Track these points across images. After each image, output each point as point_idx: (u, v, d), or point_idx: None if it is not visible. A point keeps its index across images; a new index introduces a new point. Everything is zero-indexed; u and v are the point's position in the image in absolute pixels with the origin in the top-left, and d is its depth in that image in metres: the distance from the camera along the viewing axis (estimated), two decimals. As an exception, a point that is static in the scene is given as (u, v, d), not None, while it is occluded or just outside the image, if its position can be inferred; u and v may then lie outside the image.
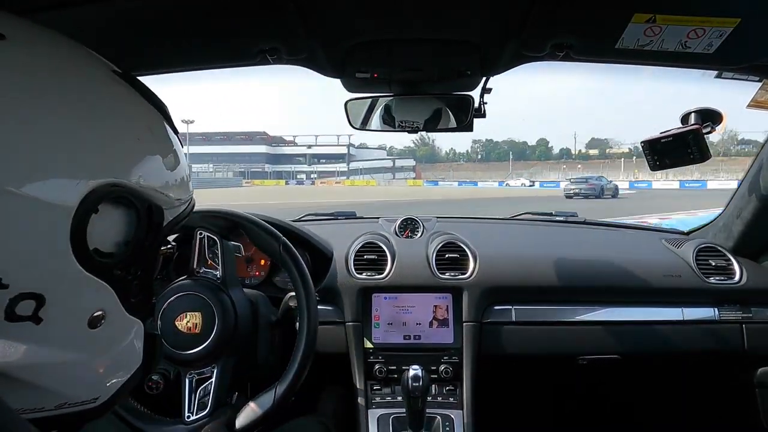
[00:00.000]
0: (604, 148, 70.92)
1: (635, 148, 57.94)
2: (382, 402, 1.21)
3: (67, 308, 0.36)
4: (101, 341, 0.40)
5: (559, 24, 0.80)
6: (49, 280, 0.34)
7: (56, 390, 0.37)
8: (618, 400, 1.65)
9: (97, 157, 0.36)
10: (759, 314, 1.27)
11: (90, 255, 0.36)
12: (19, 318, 0.33)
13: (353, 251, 1.32)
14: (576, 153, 68.81)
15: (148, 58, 0.95)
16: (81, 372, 0.39)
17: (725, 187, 20.09)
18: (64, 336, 0.37)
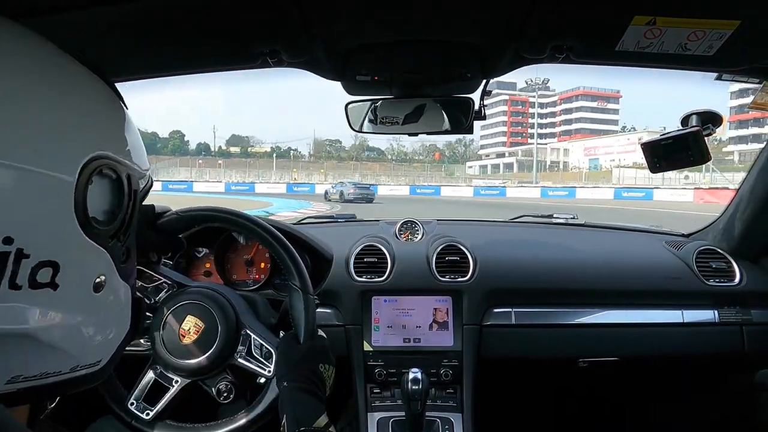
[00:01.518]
0: (245, 147, 67.60)
1: (277, 148, 56.41)
2: (381, 405, 1.21)
3: (77, 274, 0.40)
4: (104, 304, 0.44)
5: (559, 26, 0.80)
6: (61, 249, 0.38)
7: (71, 352, 0.42)
8: (618, 403, 1.65)
9: (84, 135, 0.41)
10: (759, 316, 1.27)
11: (90, 223, 0.40)
12: (40, 285, 0.37)
13: (353, 254, 1.32)
14: (216, 149, 62.96)
15: (149, 61, 0.95)
16: (89, 333, 0.43)
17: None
18: (76, 300, 0.41)
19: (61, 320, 0.39)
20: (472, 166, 73.71)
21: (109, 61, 0.93)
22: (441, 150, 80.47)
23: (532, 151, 65.45)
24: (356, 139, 59.98)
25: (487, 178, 56.04)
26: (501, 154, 74.33)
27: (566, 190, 32.95)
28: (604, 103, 75.04)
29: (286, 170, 44.93)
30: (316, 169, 45.74)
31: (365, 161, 61.26)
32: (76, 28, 0.78)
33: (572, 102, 76.36)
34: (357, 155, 64.57)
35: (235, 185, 34.17)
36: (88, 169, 0.39)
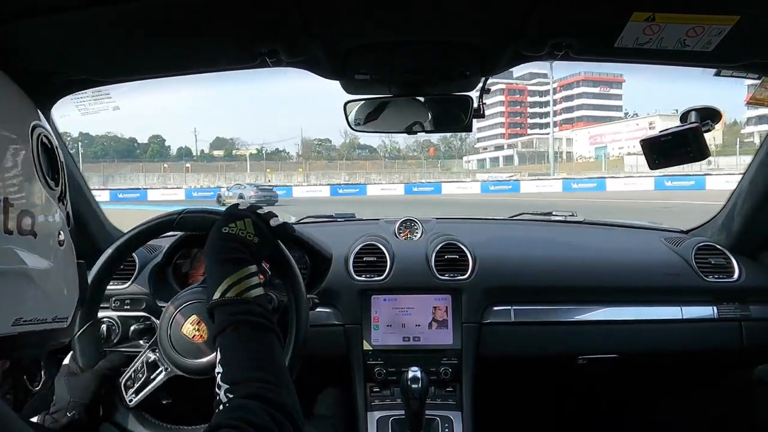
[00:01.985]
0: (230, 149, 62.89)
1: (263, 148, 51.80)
2: (381, 404, 1.21)
3: (47, 226, 0.49)
4: (67, 260, 0.53)
5: (559, 24, 0.79)
6: (33, 201, 0.47)
7: (54, 300, 0.50)
8: (617, 399, 1.65)
9: (24, 109, 0.51)
10: (757, 312, 1.27)
11: (47, 182, 0.49)
12: (26, 232, 0.45)
13: (353, 253, 1.32)
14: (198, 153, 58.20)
15: (147, 62, 0.95)
16: (62, 285, 0.52)
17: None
18: (50, 250, 0.49)
19: (44, 266, 0.47)
20: (470, 160, 70.26)
21: (106, 62, 0.93)
22: (436, 145, 76.11)
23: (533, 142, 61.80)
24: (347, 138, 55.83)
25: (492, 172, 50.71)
26: (500, 147, 70.16)
27: (593, 182, 27.02)
28: (606, 89, 70.39)
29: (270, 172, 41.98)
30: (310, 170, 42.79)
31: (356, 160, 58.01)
32: (75, 28, 0.78)
33: (573, 88, 71.20)
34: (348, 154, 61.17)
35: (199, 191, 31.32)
36: (35, 134, 0.49)
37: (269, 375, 0.59)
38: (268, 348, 0.63)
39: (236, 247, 0.72)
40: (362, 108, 1.11)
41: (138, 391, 0.83)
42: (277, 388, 0.57)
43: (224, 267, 0.69)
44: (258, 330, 0.64)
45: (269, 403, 0.54)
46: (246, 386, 0.56)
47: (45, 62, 0.89)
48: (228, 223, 0.74)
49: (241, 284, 0.67)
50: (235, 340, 0.62)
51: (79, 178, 1.22)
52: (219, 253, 0.71)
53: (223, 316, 0.65)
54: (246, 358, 0.60)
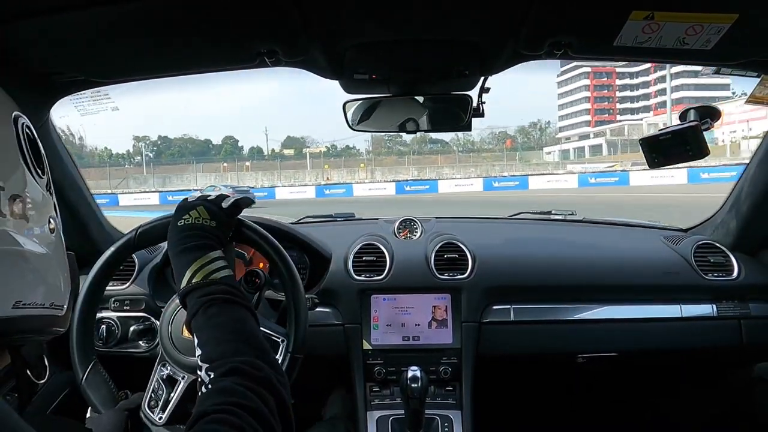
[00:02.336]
0: (300, 148, 60.02)
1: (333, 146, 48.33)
2: (381, 403, 1.21)
3: (38, 212, 0.50)
4: (59, 247, 0.54)
5: (558, 23, 0.79)
6: (23, 186, 0.48)
7: (50, 284, 0.51)
8: (617, 398, 1.66)
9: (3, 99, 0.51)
10: (757, 310, 1.27)
11: (34, 169, 0.50)
12: (18, 215, 0.46)
13: (352, 253, 1.31)
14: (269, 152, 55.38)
15: (145, 62, 0.95)
16: (56, 271, 0.52)
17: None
18: (42, 235, 0.50)
19: (39, 251, 0.48)
20: (551, 151, 58.93)
21: (105, 63, 0.93)
22: (512, 136, 67.87)
23: (624, 129, 52.51)
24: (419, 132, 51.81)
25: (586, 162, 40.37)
26: (585, 136, 59.76)
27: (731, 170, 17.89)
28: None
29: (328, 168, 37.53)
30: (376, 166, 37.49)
31: (427, 154, 51.93)
32: (74, 29, 0.78)
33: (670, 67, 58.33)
34: (419, 149, 54.67)
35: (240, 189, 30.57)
36: (18, 123, 0.50)
37: (244, 346, 0.59)
38: (239, 321, 0.64)
39: (195, 235, 0.73)
40: (361, 107, 1.11)
41: (163, 408, 0.82)
42: (254, 360, 0.57)
43: (187, 256, 0.70)
44: (227, 306, 0.65)
45: (248, 377, 0.54)
46: (224, 362, 0.56)
47: (44, 63, 0.89)
48: (181, 216, 0.75)
49: (205, 268, 0.68)
50: (207, 320, 0.63)
51: (79, 179, 1.22)
52: (179, 245, 0.72)
53: (192, 300, 0.66)
54: (219, 335, 0.61)
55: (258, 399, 0.51)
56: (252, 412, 0.49)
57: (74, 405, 0.90)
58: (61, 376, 1.14)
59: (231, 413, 0.48)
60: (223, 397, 0.51)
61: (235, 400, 0.50)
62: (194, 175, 35.33)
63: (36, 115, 1.01)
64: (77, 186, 1.21)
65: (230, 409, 0.48)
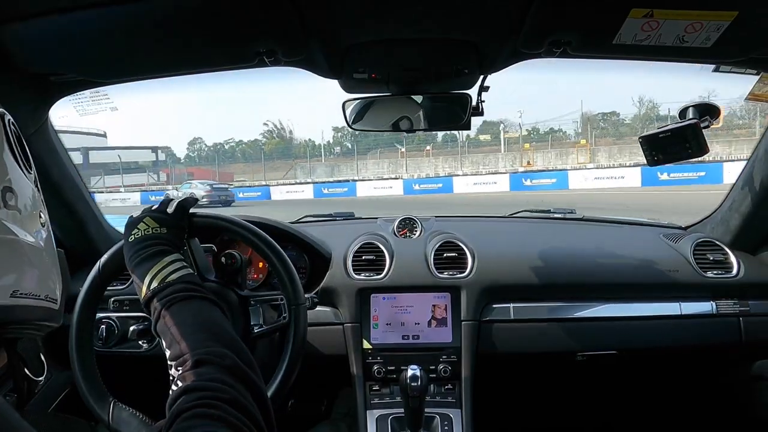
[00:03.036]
0: (497, 132, 56.90)
1: (534, 130, 37.17)
2: (381, 402, 1.21)
3: (29, 205, 0.50)
4: (50, 242, 0.54)
5: (556, 21, 0.79)
6: (13, 179, 0.48)
7: (44, 276, 0.51)
8: (616, 396, 1.66)
9: None
10: (756, 307, 1.27)
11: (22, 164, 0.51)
12: (10, 207, 0.47)
13: (351, 252, 1.31)
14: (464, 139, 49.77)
15: (144, 62, 0.95)
16: (49, 265, 0.53)
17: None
18: (35, 228, 0.51)
19: (32, 242, 0.49)
20: None
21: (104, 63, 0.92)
22: None
23: None
24: (641, 108, 36.58)
25: None
26: None
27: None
28: None
29: (527, 148, 26.58)
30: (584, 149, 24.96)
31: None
32: (74, 30, 0.78)
33: None
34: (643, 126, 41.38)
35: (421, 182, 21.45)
36: (4, 120, 0.50)
37: (205, 336, 0.59)
38: (198, 314, 0.64)
39: (147, 245, 0.74)
40: (360, 106, 1.10)
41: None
42: (218, 348, 0.57)
43: (142, 267, 0.71)
44: (186, 302, 0.65)
45: (214, 367, 0.54)
46: (187, 357, 0.56)
47: (44, 63, 0.89)
48: (131, 232, 0.76)
49: (161, 273, 0.69)
50: (168, 320, 0.63)
51: (78, 179, 1.22)
52: (134, 259, 0.73)
53: (153, 306, 0.67)
54: (180, 332, 0.61)
55: (229, 388, 0.51)
56: (226, 401, 0.49)
57: (75, 404, 0.90)
58: (61, 376, 1.14)
59: (206, 406, 0.47)
60: (195, 393, 0.50)
61: (208, 393, 0.50)
62: (366, 163, 29.80)
63: (35, 115, 1.01)
64: (76, 186, 1.21)
65: (206, 402, 0.48)
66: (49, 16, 0.72)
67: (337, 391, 1.32)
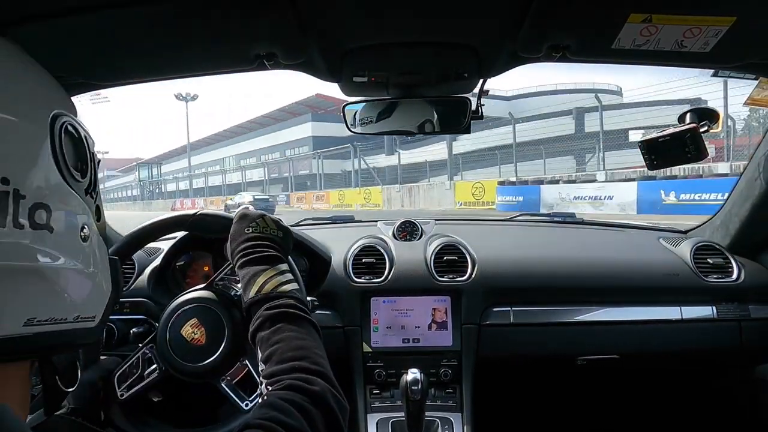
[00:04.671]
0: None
1: None
2: (381, 406, 1.21)
3: (66, 220, 0.45)
4: (92, 256, 0.50)
5: (556, 26, 0.80)
6: (49, 193, 0.43)
7: (73, 298, 0.47)
8: (617, 400, 1.65)
9: (46, 96, 0.48)
10: (756, 312, 1.27)
11: (69, 173, 0.46)
12: (39, 226, 0.42)
13: (352, 255, 1.31)
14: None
15: (144, 65, 0.95)
16: (84, 282, 0.48)
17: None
18: (69, 245, 0.46)
19: (62, 263, 0.45)
20: None
21: (103, 66, 0.93)
22: None
23: None
24: None
25: None
26: None
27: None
28: None
29: None
30: None
31: None
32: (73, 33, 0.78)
33: None
34: None
35: None
36: (57, 123, 0.46)
37: (306, 363, 0.58)
38: (305, 337, 0.63)
39: (264, 245, 0.73)
40: (359, 110, 1.11)
41: (130, 387, 0.83)
42: (309, 376, 0.57)
43: (255, 266, 0.70)
44: (294, 321, 0.64)
45: (301, 393, 0.53)
46: (280, 379, 0.56)
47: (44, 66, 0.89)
48: (248, 224, 0.75)
49: (274, 279, 0.68)
50: (271, 334, 0.62)
51: None
52: (248, 254, 0.72)
53: (258, 312, 0.65)
54: (280, 352, 0.60)
55: (302, 417, 0.51)
56: (292, 430, 0.48)
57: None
58: None
59: (269, 429, 0.47)
60: (268, 410, 0.50)
61: (277, 415, 0.49)
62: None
63: None
64: None
65: (269, 425, 0.47)
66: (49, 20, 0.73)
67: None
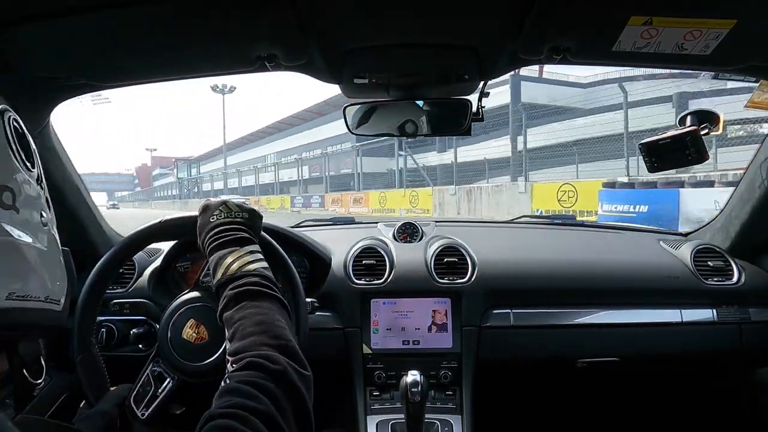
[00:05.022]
0: None
1: None
2: (381, 408, 1.20)
3: (28, 203, 0.50)
4: (53, 241, 0.54)
5: (556, 27, 0.80)
6: (10, 177, 0.48)
7: (44, 277, 0.50)
8: (617, 403, 1.65)
9: None
10: (757, 315, 1.27)
11: (23, 162, 0.50)
12: (7, 206, 0.46)
13: (352, 257, 1.31)
14: None
15: (145, 67, 0.95)
16: (50, 264, 0.52)
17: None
18: (34, 227, 0.50)
19: (31, 242, 0.48)
20: None
21: (104, 67, 0.93)
22: None
23: None
24: None
25: None
26: None
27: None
28: None
29: None
30: None
31: None
32: (74, 34, 0.78)
33: None
34: None
35: None
36: (5, 117, 0.49)
37: (265, 338, 0.58)
38: (265, 313, 0.63)
39: (231, 229, 0.73)
40: (360, 111, 1.11)
41: (148, 405, 0.82)
42: (272, 353, 0.56)
43: (223, 249, 0.70)
44: (257, 298, 0.65)
45: (264, 372, 0.53)
46: (243, 356, 0.56)
47: (45, 67, 0.90)
48: (212, 213, 0.76)
49: (241, 260, 0.68)
50: (235, 312, 0.63)
51: (79, 182, 1.22)
52: (215, 240, 0.72)
53: (225, 291, 0.66)
54: (244, 328, 0.60)
55: (268, 399, 0.50)
56: (259, 415, 0.48)
57: (72, 409, 0.90)
58: (61, 380, 1.14)
59: (236, 417, 0.47)
60: (231, 397, 0.50)
61: (241, 401, 0.49)
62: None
63: (37, 119, 1.01)
64: (77, 189, 1.21)
65: (236, 413, 0.47)
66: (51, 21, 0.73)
67: (337, 397, 1.31)
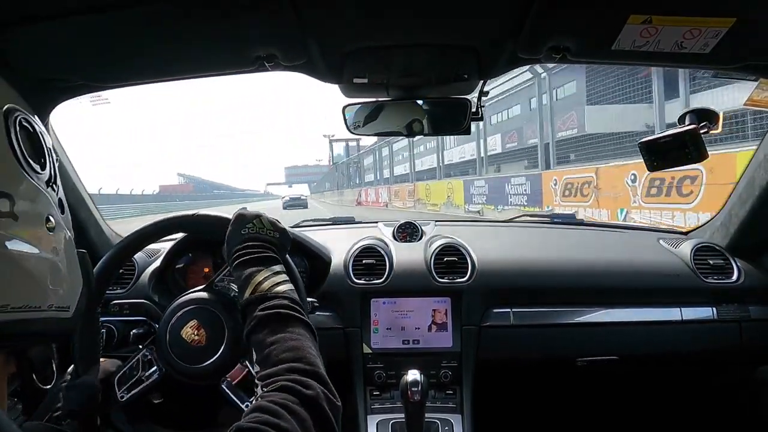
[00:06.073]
0: None
1: None
2: (381, 407, 1.20)
3: (30, 209, 0.47)
4: (60, 246, 0.51)
5: (555, 27, 0.80)
6: (9, 183, 0.45)
7: (46, 286, 0.48)
8: (617, 401, 1.65)
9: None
10: (756, 313, 1.27)
11: (28, 164, 0.47)
12: (3, 214, 0.43)
13: (352, 256, 1.31)
14: None
15: (146, 68, 0.95)
16: (55, 271, 0.49)
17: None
18: (36, 234, 0.47)
19: (31, 251, 0.46)
20: None
21: (104, 68, 0.93)
22: None
23: None
24: None
25: None
26: None
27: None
28: None
29: None
30: None
31: None
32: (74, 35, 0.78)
33: None
34: None
35: None
36: (10, 117, 0.47)
37: (300, 364, 0.58)
38: (298, 338, 0.63)
39: (260, 246, 0.73)
40: (360, 111, 1.11)
41: (130, 389, 0.83)
42: (303, 378, 0.56)
43: (250, 266, 0.70)
44: (288, 322, 0.64)
45: (294, 395, 0.53)
46: (275, 380, 0.56)
47: (44, 68, 0.90)
48: (244, 225, 0.75)
49: (269, 280, 0.68)
50: (266, 336, 0.62)
51: (78, 183, 1.22)
52: (244, 254, 0.72)
53: (254, 313, 0.65)
54: (274, 353, 0.60)
55: (295, 420, 0.50)
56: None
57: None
58: None
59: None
60: (259, 414, 0.50)
61: (269, 418, 0.49)
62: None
63: None
64: (76, 190, 1.21)
65: (262, 429, 0.47)
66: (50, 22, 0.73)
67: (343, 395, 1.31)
